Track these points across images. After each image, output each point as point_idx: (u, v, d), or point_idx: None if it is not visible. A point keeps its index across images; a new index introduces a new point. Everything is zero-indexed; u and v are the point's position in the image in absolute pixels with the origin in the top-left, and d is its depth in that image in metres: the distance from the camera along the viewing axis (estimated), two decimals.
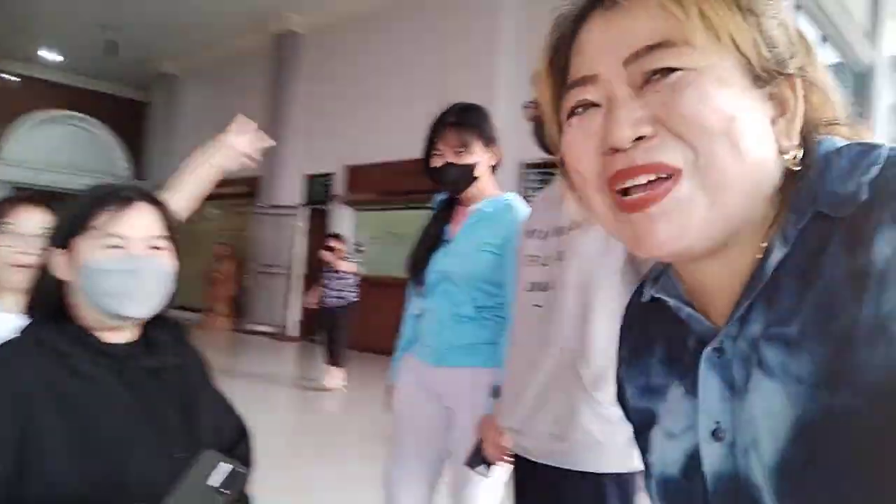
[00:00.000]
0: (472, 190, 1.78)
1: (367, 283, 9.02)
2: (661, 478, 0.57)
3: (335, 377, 6.02)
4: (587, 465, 1.27)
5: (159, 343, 1.08)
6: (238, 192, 11.28)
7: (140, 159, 13.66)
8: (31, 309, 1.04)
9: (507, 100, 7.45)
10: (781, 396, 0.44)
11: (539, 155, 1.55)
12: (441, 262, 1.77)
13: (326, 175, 9.80)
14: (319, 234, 10.01)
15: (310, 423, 5.16)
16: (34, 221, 1.39)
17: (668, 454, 0.56)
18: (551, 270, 1.37)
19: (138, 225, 1.01)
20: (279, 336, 9.65)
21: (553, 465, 1.30)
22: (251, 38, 11.20)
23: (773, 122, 0.48)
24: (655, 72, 0.46)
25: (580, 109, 0.51)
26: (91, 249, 0.98)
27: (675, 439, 0.55)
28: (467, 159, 1.72)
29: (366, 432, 4.50)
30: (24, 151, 12.16)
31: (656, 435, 0.58)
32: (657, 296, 0.57)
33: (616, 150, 0.47)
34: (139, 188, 1.07)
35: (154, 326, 1.09)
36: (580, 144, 0.50)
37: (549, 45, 0.55)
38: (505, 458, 1.54)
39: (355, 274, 6.25)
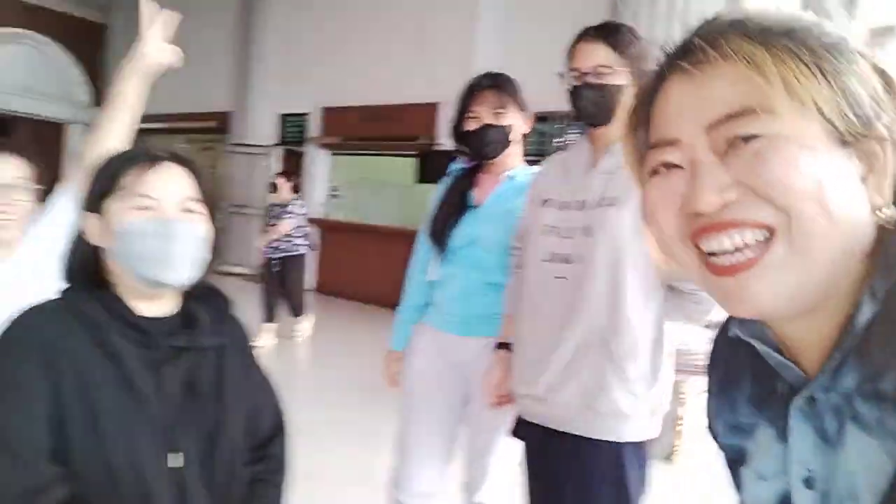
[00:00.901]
0: (502, 157, 1.78)
1: (343, 229, 9.05)
2: None
3: (299, 327, 5.77)
4: (610, 434, 1.36)
5: (198, 319, 1.03)
6: (207, 126, 10.96)
7: (98, 85, 13.01)
8: (68, 274, 1.02)
9: (489, 45, 7.38)
10: (880, 452, 0.45)
11: (543, 107, 1.57)
12: (470, 228, 1.75)
13: (301, 115, 9.57)
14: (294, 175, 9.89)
15: (282, 371, 5.25)
16: (9, 171, 1.36)
17: (761, 495, 0.58)
18: (575, 243, 1.40)
19: (170, 186, 0.97)
20: (252, 278, 9.58)
21: (575, 433, 1.37)
22: None
23: (864, 179, 0.47)
24: (738, 137, 0.47)
25: (662, 169, 0.52)
26: (122, 211, 0.95)
27: (766, 481, 0.57)
28: (505, 121, 1.74)
29: (335, 379, 4.64)
30: None
31: (748, 475, 0.60)
32: (745, 339, 0.57)
33: (700, 214, 0.48)
34: (171, 150, 1.02)
35: (195, 299, 1.05)
36: (662, 204, 0.51)
37: (632, 106, 0.56)
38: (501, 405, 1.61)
39: (305, 220, 5.87)
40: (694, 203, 0.47)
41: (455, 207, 1.80)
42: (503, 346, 1.61)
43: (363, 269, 7.89)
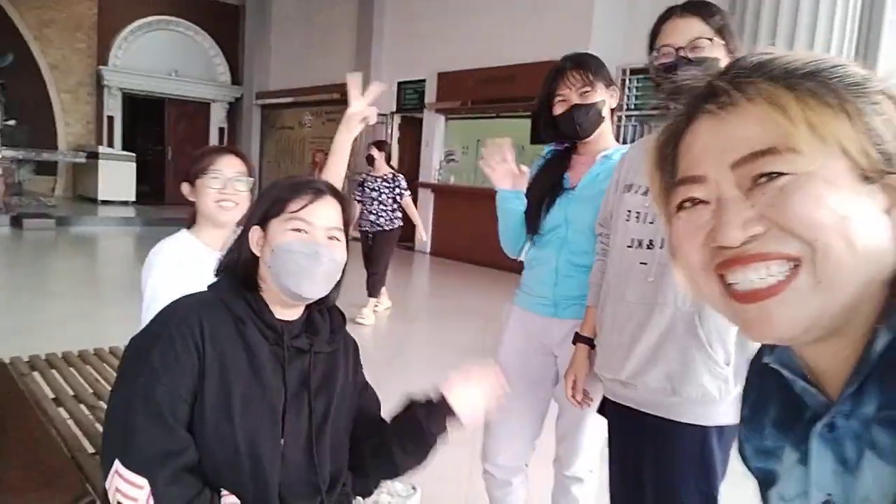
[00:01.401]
0: (595, 136, 1.73)
1: (457, 193, 9.15)
2: None
3: (366, 311, 5.18)
4: (697, 418, 1.31)
5: (318, 327, 1.21)
6: (331, 98, 11.45)
7: (235, 65, 13.98)
8: (222, 271, 1.19)
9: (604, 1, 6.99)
10: (894, 478, 0.46)
11: (644, 60, 1.47)
12: (563, 209, 1.73)
13: (418, 82, 9.69)
14: (412, 142, 10.09)
15: (394, 336, 5.42)
16: (234, 168, 1.69)
17: None
18: (658, 228, 1.35)
19: (323, 215, 1.14)
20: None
21: (662, 416, 1.34)
22: None
23: (888, 211, 0.48)
24: (763, 175, 0.47)
25: (688, 204, 0.53)
26: (282, 232, 1.12)
27: (788, 503, 0.58)
28: (593, 98, 1.68)
29: (448, 343, 4.71)
30: (132, 59, 12.71)
31: (773, 497, 0.61)
32: (774, 366, 0.59)
33: (726, 249, 0.49)
34: (329, 183, 1.21)
35: (318, 311, 1.23)
36: (687, 237, 0.52)
37: (659, 143, 0.58)
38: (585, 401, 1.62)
39: (398, 192, 5.27)
40: (720, 237, 0.48)
41: (548, 190, 1.77)
42: (584, 339, 1.60)
43: (477, 232, 7.93)
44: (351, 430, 1.25)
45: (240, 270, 1.16)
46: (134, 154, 12.16)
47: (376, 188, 5.28)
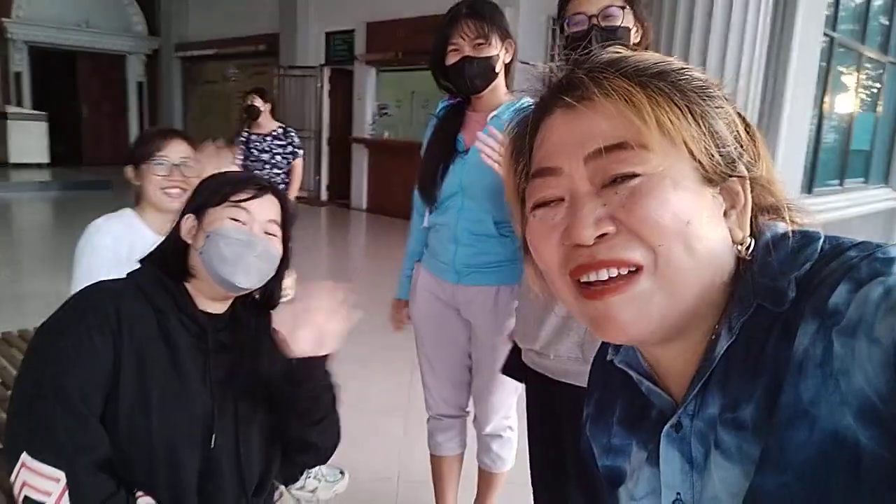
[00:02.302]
0: (488, 92, 1.67)
1: (392, 148, 9.01)
2: None
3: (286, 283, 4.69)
4: None
5: (242, 321, 1.17)
6: (257, 50, 10.94)
7: (152, 14, 13.13)
8: (150, 259, 1.14)
9: None
10: (740, 477, 0.47)
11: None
12: (458, 175, 1.67)
13: (347, 32, 9.36)
14: (343, 96, 9.81)
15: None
16: (180, 152, 1.64)
17: None
18: None
19: (264, 210, 1.12)
20: (311, 201, 9.77)
21: (574, 383, 1.38)
22: None
23: (726, 214, 0.51)
24: (617, 175, 0.48)
25: (544, 204, 0.53)
26: (220, 219, 1.09)
27: (637, 502, 0.59)
28: (487, 52, 1.61)
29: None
30: (37, 9, 11.74)
31: (622, 495, 0.62)
32: (619, 366, 0.60)
33: (579, 246, 0.49)
34: (271, 182, 1.18)
35: (245, 306, 1.19)
36: (543, 236, 0.53)
37: (512, 136, 0.58)
38: None
39: (290, 150, 4.27)
40: (573, 234, 0.49)
41: (442, 155, 1.70)
42: None
43: (413, 187, 7.84)
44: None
45: (168, 259, 1.11)
46: (46, 113, 11.38)
47: (266, 148, 4.19)
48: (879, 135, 7.69)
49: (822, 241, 0.49)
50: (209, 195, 1.12)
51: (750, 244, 0.51)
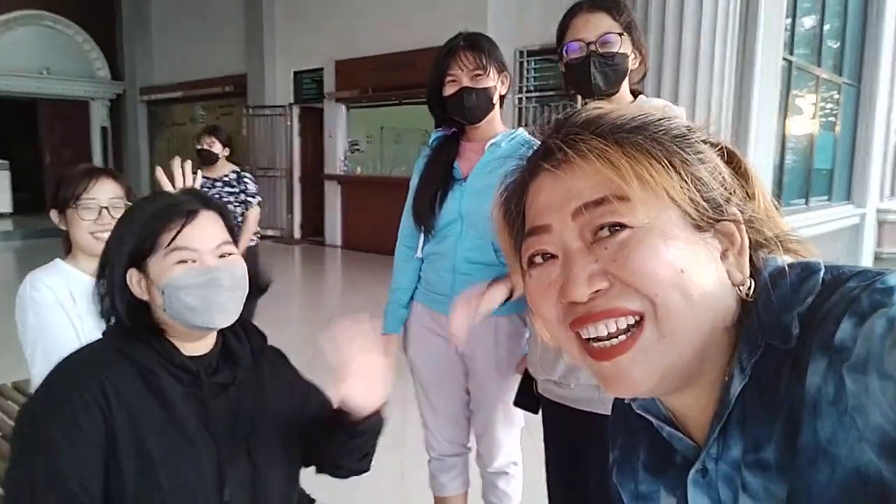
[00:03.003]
0: (484, 123, 1.68)
1: (364, 183, 8.99)
2: None
3: None
4: None
5: (237, 354, 1.08)
6: (224, 91, 10.90)
7: (114, 59, 13.03)
8: (112, 332, 1.03)
9: None
10: None
11: (540, 41, 1.45)
12: (456, 202, 1.66)
13: (315, 71, 9.39)
14: (314, 133, 9.80)
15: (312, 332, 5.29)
16: (108, 192, 1.53)
17: None
18: None
19: (207, 236, 0.99)
20: (285, 239, 9.66)
21: (596, 411, 1.35)
22: None
23: (723, 256, 0.51)
24: (603, 227, 0.49)
25: (539, 259, 0.54)
26: (167, 268, 0.96)
27: None
28: (485, 83, 1.63)
29: None
30: None
31: None
32: (639, 412, 0.60)
33: (575, 303, 0.50)
34: (199, 194, 1.05)
35: (234, 335, 1.10)
36: (541, 295, 0.54)
37: (503, 197, 0.60)
38: None
39: (244, 198, 3.86)
40: (568, 293, 0.50)
41: (439, 183, 1.69)
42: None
43: (387, 223, 7.81)
44: (308, 441, 1.13)
45: (133, 324, 1.00)
46: (7, 161, 11.18)
47: (215, 194, 3.72)
48: (839, 154, 7.93)
49: (822, 272, 0.49)
50: (138, 241, 0.98)
51: (750, 285, 0.51)
